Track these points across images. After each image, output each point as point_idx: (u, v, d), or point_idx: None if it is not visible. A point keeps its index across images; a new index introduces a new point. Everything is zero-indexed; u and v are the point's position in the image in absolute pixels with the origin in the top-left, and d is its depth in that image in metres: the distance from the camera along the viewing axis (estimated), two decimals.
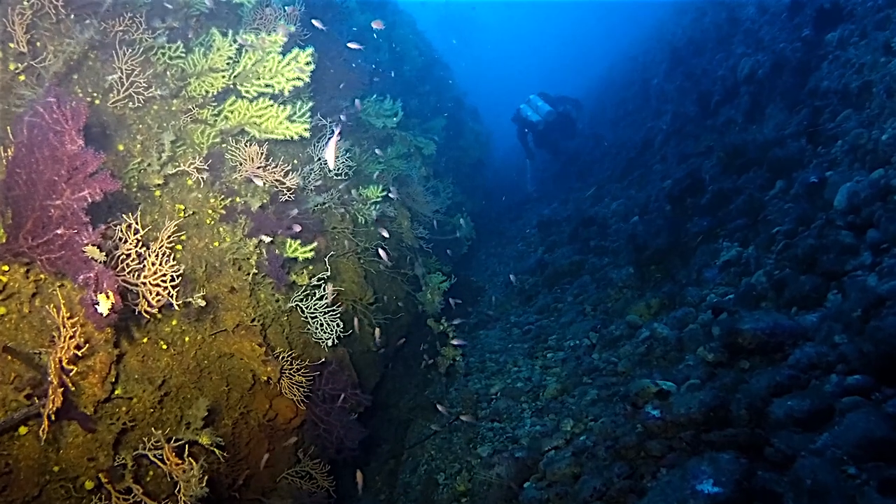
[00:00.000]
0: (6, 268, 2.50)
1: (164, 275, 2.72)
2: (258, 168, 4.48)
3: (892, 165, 5.26)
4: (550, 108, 14.75)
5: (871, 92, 6.38)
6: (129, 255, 2.81)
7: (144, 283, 2.77)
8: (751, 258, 6.07)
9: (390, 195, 6.40)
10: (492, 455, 5.24)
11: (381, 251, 5.95)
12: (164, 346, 3.44)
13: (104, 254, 2.31)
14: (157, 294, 2.72)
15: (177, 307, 2.75)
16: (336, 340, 4.57)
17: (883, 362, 3.84)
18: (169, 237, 2.97)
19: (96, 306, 2.15)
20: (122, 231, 2.82)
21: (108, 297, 2.15)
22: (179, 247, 3.76)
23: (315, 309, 4.56)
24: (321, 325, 4.53)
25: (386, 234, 6.02)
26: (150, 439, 2.83)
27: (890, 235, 4.76)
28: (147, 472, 3.20)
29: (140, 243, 2.81)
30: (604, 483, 4.22)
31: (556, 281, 8.88)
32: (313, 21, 5.46)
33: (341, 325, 4.53)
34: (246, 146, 4.40)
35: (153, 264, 2.70)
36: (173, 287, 2.73)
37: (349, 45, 6.39)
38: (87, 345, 2.36)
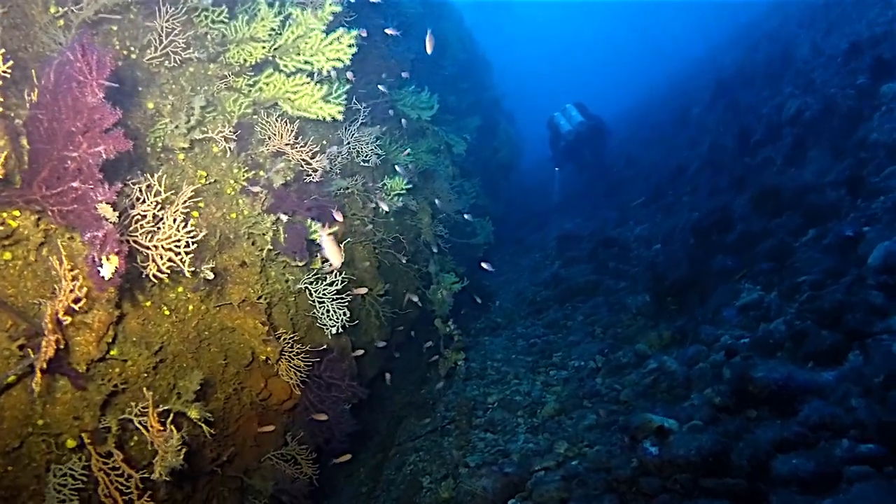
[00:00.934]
0: (17, 213, 2.44)
1: (179, 241, 2.65)
2: (286, 145, 4.41)
3: None
4: (583, 119, 14.55)
5: None
6: (144, 216, 2.74)
7: (157, 247, 2.70)
8: (772, 304, 5.90)
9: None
10: (480, 466, 5.14)
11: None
12: (167, 312, 3.37)
13: (118, 213, 2.24)
14: (169, 260, 2.65)
15: (188, 275, 2.68)
16: (341, 329, 4.48)
17: None
18: (185, 202, 2.90)
19: (99, 268, 2.08)
20: (141, 191, 2.75)
21: (112, 260, 2.08)
22: (196, 213, 3.69)
23: (323, 294, 4.48)
24: (328, 311, 4.45)
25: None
26: (137, 404, 2.76)
27: None
28: (131, 437, 3.14)
29: (158, 205, 2.74)
30: None
31: (568, 297, 8.75)
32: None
33: (348, 315, 4.45)
34: (277, 121, 4.33)
35: (168, 228, 2.62)
36: (187, 254, 2.65)
37: (387, 31, 6.29)
38: (86, 300, 2.28)
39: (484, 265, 7.02)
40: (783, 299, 5.88)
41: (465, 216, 8.17)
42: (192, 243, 2.65)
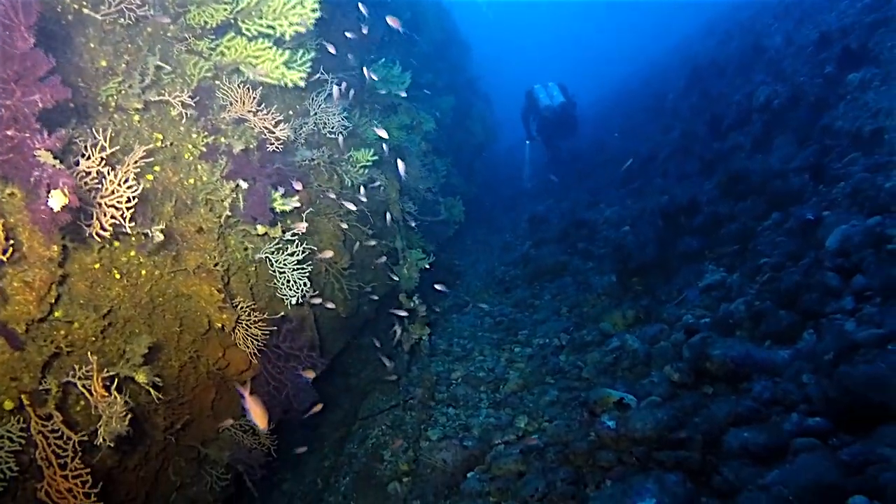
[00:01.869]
0: None
1: (121, 196, 2.57)
2: (249, 112, 4.32)
3: (892, 215, 5.17)
4: (564, 100, 14.49)
5: (883, 138, 6.29)
6: (89, 174, 2.66)
7: (100, 204, 2.63)
8: (734, 285, 5.99)
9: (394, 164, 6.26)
10: (441, 440, 5.16)
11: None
12: (118, 276, 3.29)
13: (59, 161, 2.16)
14: (112, 217, 2.58)
15: (129, 231, 2.61)
16: (301, 300, 4.44)
17: (845, 409, 3.77)
18: (136, 162, 2.82)
19: (47, 202, 2.00)
20: (86, 147, 2.67)
21: (63, 193, 2.00)
22: (150, 177, 3.60)
23: (284, 264, 4.43)
24: (288, 281, 4.40)
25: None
26: (81, 367, 2.69)
27: (876, 284, 4.68)
28: (77, 402, 3.07)
29: (104, 162, 2.66)
30: (547, 485, 4.15)
31: (537, 277, 8.79)
32: None
33: (308, 284, 4.40)
34: (239, 87, 4.23)
35: (111, 183, 2.55)
36: (128, 209, 2.58)
37: (360, 5, 6.19)
38: (16, 250, 2.21)
39: (437, 286, 6.98)
40: (745, 280, 5.97)
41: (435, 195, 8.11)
42: (134, 198, 2.58)
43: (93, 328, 3.06)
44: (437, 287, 7.12)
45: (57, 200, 2.01)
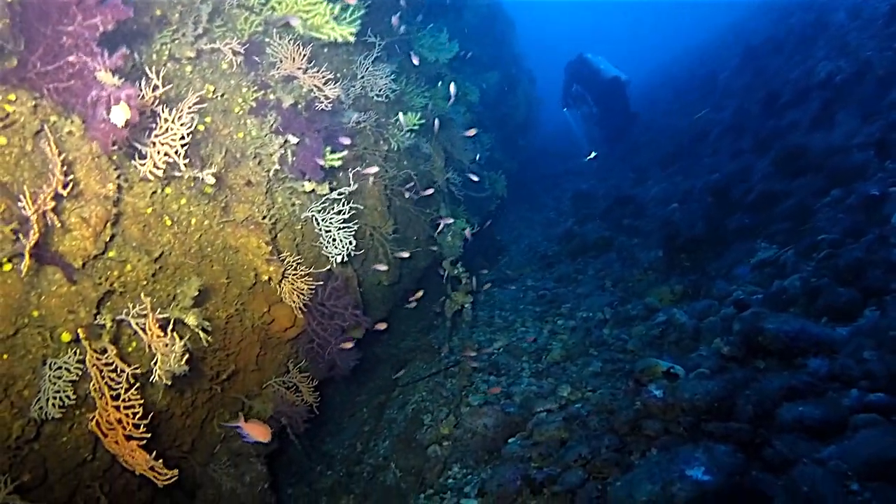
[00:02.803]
0: (13, 97, 2.37)
1: (175, 134, 2.57)
2: (298, 69, 4.30)
3: None
4: (620, 73, 13.97)
5: None
6: (143, 112, 2.66)
7: (154, 143, 2.64)
8: (788, 261, 5.77)
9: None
10: (482, 405, 5.12)
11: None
12: (169, 223, 3.32)
13: (121, 79, 2.15)
14: (166, 154, 2.58)
15: (182, 171, 2.61)
16: (347, 258, 4.43)
17: None
18: (191, 106, 2.82)
19: (109, 118, 1.99)
20: (140, 87, 2.67)
21: (126, 107, 1.98)
22: (201, 127, 3.61)
23: (330, 223, 4.42)
24: (334, 239, 4.39)
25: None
26: (134, 306, 2.72)
27: None
28: (129, 343, 3.11)
29: (157, 101, 2.66)
30: (590, 451, 4.08)
31: (580, 253, 8.65)
32: None
33: (353, 244, 4.39)
34: (289, 43, 4.21)
35: (165, 121, 2.55)
36: (182, 146, 2.58)
37: None
38: (75, 185, 2.22)
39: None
40: (800, 258, 5.75)
41: (473, 177, 7.99)
42: (188, 135, 2.58)
43: (144, 271, 3.09)
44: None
45: (119, 114, 2.00)
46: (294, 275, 3.97)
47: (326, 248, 4.42)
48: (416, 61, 6.17)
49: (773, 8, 16.77)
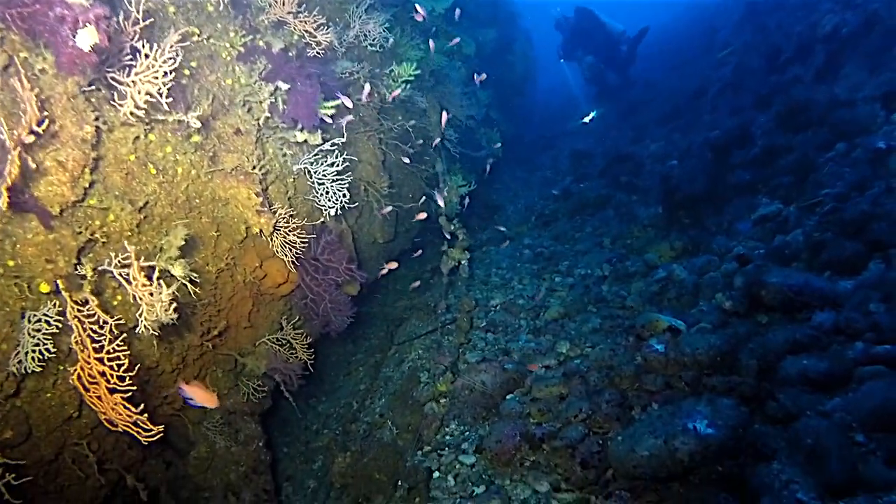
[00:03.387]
0: None
1: (157, 71, 2.41)
2: (289, 13, 4.09)
3: None
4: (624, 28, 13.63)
5: None
6: (122, 50, 2.49)
7: (135, 82, 2.47)
8: (790, 216, 5.66)
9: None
10: (480, 362, 5.05)
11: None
12: (153, 172, 3.17)
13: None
14: (147, 93, 2.42)
15: (166, 113, 2.45)
16: (341, 212, 4.29)
17: None
18: (173, 45, 2.63)
19: (74, 41, 1.82)
20: (118, 21, 2.49)
21: (94, 30, 1.82)
22: (187, 72, 3.42)
23: (323, 175, 4.26)
24: (327, 192, 4.24)
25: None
26: (117, 256, 2.57)
27: None
28: (114, 297, 2.99)
29: (137, 36, 2.48)
30: (590, 407, 4.01)
31: (578, 211, 8.51)
32: None
33: (347, 196, 4.24)
34: None
35: (146, 57, 2.37)
36: (164, 85, 2.42)
37: None
38: (50, 125, 2.06)
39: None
40: (803, 212, 5.64)
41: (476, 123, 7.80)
42: (172, 72, 2.41)
43: (128, 221, 2.95)
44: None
45: (86, 37, 1.83)
46: (286, 227, 3.83)
47: (319, 200, 4.28)
48: (421, 12, 5.92)
49: None
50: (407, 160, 6.03)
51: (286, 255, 3.87)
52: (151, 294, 2.49)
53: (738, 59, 11.24)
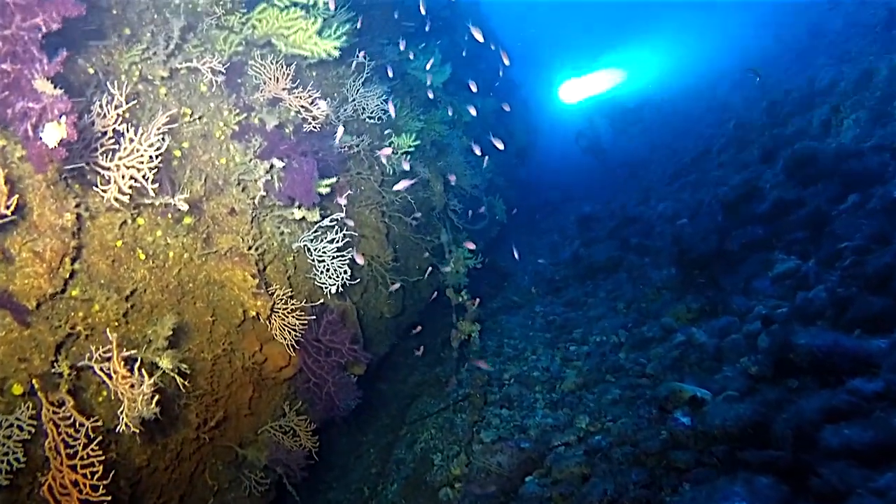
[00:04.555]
0: None
1: (142, 156, 2.29)
2: (283, 90, 4.06)
3: None
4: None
5: None
6: (105, 133, 2.40)
7: (118, 167, 2.36)
8: (810, 272, 5.45)
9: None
10: (495, 442, 4.76)
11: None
12: (143, 257, 3.03)
13: (61, 90, 1.87)
14: (131, 178, 2.30)
15: (152, 197, 2.32)
16: (343, 289, 4.12)
17: None
18: (160, 128, 2.54)
19: (40, 138, 1.70)
20: (101, 105, 2.40)
21: (58, 124, 1.70)
22: (178, 152, 3.34)
23: (323, 252, 4.13)
24: (328, 269, 4.09)
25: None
26: (99, 349, 2.39)
27: None
28: (99, 393, 2.79)
29: (120, 119, 2.39)
30: (616, 489, 3.71)
31: (589, 275, 8.33)
32: None
33: (349, 273, 4.09)
34: (272, 63, 3.97)
35: (131, 141, 2.27)
36: (150, 170, 2.30)
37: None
38: (27, 214, 1.93)
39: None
40: (822, 267, 5.44)
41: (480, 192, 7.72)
42: (157, 157, 2.30)
43: (115, 311, 2.79)
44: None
45: (53, 133, 1.71)
46: (284, 309, 3.66)
47: (320, 278, 4.12)
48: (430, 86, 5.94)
49: (767, 24, 16.71)
50: (411, 232, 5.92)
51: (285, 339, 3.68)
52: (132, 386, 2.30)
53: (739, 116, 11.27)
